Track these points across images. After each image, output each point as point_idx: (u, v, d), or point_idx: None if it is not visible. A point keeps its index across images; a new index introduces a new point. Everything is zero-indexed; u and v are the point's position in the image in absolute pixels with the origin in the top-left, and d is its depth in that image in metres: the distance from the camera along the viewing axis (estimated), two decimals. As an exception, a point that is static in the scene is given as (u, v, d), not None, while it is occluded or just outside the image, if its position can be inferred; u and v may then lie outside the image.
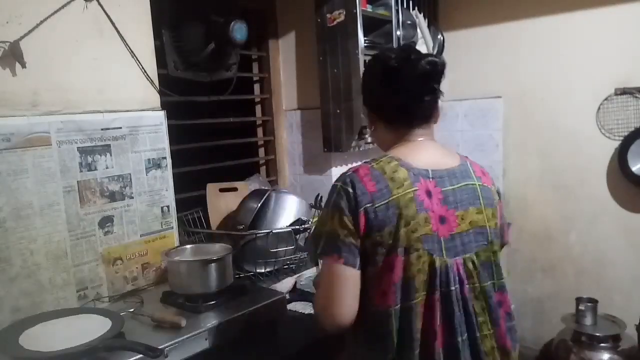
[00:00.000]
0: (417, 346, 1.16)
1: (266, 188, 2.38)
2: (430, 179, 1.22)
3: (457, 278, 1.19)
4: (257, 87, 2.89)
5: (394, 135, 1.32)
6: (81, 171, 1.67)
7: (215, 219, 2.28)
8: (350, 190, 1.18)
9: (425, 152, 1.27)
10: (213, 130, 2.49)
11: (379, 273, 1.17)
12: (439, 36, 2.94)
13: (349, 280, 1.18)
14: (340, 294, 1.18)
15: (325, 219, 1.21)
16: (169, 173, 1.94)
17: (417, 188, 1.19)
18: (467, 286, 1.20)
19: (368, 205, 1.16)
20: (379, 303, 1.18)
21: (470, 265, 1.21)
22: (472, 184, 1.28)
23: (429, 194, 1.20)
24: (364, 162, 1.25)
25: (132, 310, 1.58)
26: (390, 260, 1.16)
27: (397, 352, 1.16)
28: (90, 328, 1.36)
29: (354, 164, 2.76)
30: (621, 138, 2.61)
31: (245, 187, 2.42)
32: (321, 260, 1.25)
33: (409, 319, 1.16)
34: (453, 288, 1.18)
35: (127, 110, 1.81)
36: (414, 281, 1.16)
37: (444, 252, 1.18)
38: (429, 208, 1.18)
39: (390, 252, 1.16)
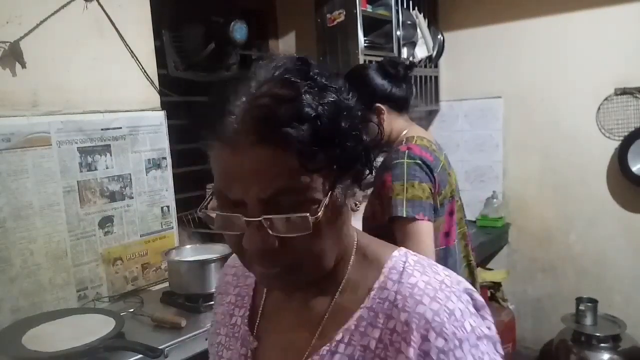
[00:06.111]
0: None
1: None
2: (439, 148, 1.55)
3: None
4: (257, 87, 2.88)
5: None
6: (81, 171, 1.67)
7: (215, 219, 2.27)
8: (420, 162, 1.41)
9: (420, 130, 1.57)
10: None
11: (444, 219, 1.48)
12: (439, 36, 2.95)
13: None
14: (430, 245, 1.38)
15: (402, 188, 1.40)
16: (169, 173, 1.94)
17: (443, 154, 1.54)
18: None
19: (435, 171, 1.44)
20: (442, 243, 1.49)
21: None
22: None
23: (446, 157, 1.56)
24: (405, 144, 1.47)
25: (132, 310, 1.58)
26: (452, 207, 1.51)
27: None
28: (92, 328, 1.36)
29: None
30: (621, 138, 2.61)
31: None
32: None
33: (462, 244, 1.59)
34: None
35: (127, 111, 1.81)
36: (461, 219, 1.60)
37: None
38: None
39: (450, 201, 1.50)
